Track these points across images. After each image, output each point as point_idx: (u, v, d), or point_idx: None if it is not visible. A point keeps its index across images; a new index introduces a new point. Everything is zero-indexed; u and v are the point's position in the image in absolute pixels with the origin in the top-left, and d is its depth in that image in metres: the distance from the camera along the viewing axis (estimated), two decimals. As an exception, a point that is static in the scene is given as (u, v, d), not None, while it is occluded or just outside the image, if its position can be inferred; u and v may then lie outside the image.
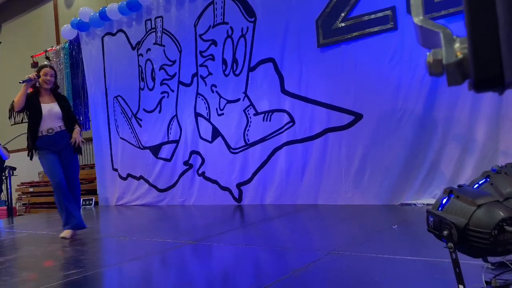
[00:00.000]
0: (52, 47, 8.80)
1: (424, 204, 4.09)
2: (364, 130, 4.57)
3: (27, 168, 9.41)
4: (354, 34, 4.63)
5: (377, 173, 4.47)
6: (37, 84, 3.94)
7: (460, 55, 0.37)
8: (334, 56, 4.79)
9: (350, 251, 2.56)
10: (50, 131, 3.88)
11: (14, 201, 8.08)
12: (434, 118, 4.17)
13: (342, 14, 4.71)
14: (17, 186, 9.16)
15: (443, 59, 0.38)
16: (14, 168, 7.37)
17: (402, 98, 4.33)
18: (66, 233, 3.81)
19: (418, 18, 0.44)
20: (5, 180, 7.24)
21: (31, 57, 9.19)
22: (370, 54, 4.54)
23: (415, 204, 4.16)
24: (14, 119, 3.91)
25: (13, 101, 3.82)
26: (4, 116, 4.15)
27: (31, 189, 9.15)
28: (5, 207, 7.64)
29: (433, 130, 4.18)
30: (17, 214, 8.47)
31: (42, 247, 3.67)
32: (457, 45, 0.38)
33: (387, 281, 2.03)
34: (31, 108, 3.88)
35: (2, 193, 7.30)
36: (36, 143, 3.89)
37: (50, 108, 3.92)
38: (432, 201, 3.96)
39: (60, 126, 3.93)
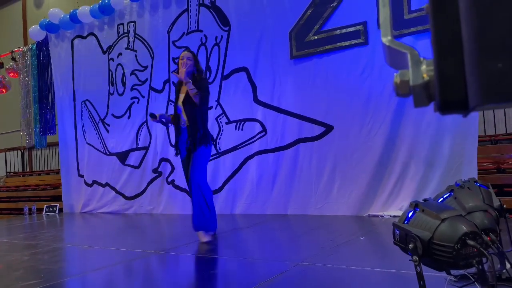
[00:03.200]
0: (19, 47, 8.53)
1: (391, 216, 4.16)
2: (334, 142, 4.63)
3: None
4: (326, 47, 4.71)
5: (346, 184, 4.53)
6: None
7: (426, 77, 0.37)
8: (307, 68, 4.85)
9: (318, 262, 2.57)
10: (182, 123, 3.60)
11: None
12: (402, 132, 4.28)
13: (315, 27, 4.78)
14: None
15: (410, 81, 0.38)
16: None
17: (372, 111, 4.42)
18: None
19: (386, 38, 0.44)
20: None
21: (-4, 57, 8.88)
22: (341, 68, 4.62)
23: (383, 216, 4.23)
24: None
25: None
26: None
27: (-10, 194, 8.78)
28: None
29: (400, 144, 4.28)
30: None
31: (0, 255, 3.51)
32: (423, 67, 0.38)
33: (354, 293, 2.04)
34: None
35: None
36: None
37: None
38: (399, 213, 4.05)
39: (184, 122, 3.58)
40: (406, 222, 1.42)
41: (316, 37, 4.78)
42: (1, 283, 2.59)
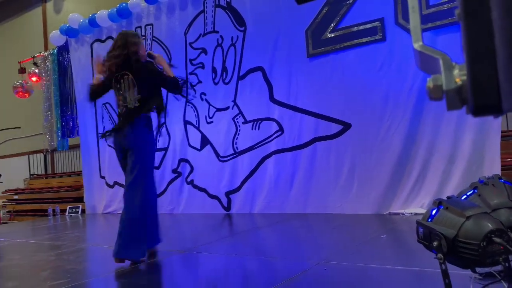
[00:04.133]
0: (40, 53, 8.73)
1: (412, 214, 4.12)
2: (352, 140, 4.60)
3: (14, 175, 9.29)
4: (343, 44, 4.69)
5: (366, 182, 4.50)
6: None
7: (459, 82, 0.38)
8: (323, 66, 4.83)
9: (340, 260, 2.57)
10: None
11: (-2, 208, 7.94)
12: (421, 128, 4.23)
13: (332, 25, 4.77)
14: (2, 193, 9.01)
15: (443, 85, 0.39)
16: (0, 175, 7.25)
17: (390, 108, 4.38)
18: None
19: (417, 44, 0.45)
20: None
21: (18, 62, 9.09)
22: (358, 65, 4.59)
23: (403, 214, 4.19)
24: None
25: None
26: None
27: (15, 197, 9.00)
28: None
29: (420, 140, 4.23)
30: (1, 222, 8.31)
31: (27, 256, 3.61)
32: (456, 71, 0.39)
33: (377, 291, 2.04)
34: None
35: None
36: None
37: None
38: (420, 210, 4.01)
39: None
40: (429, 220, 1.42)
41: (332, 35, 4.76)
42: (30, 282, 2.66)
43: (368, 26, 4.53)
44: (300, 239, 3.68)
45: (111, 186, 6.99)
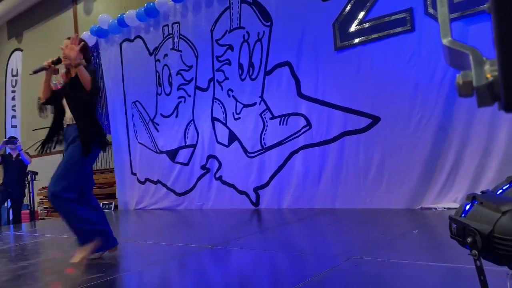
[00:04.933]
0: (72, 54, 8.95)
1: (445, 208, 4.03)
2: (382, 133, 4.53)
3: (49, 173, 9.63)
4: (371, 36, 4.61)
5: (396, 177, 4.42)
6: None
7: (490, 78, 0.37)
8: (351, 58, 4.77)
9: (371, 256, 2.54)
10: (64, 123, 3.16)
11: (36, 205, 8.25)
12: (454, 120, 4.11)
13: (359, 17, 4.69)
14: (39, 190, 9.35)
15: (473, 81, 0.38)
16: (36, 173, 7.52)
17: (420, 100, 4.28)
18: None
19: (446, 39, 0.44)
20: (27, 184, 7.40)
21: (51, 64, 9.37)
22: (387, 56, 4.51)
23: (436, 208, 4.09)
24: (41, 112, 3.30)
25: None
26: (27, 121, 3.80)
27: (52, 193, 9.32)
28: (28, 211, 7.81)
29: (453, 133, 4.12)
30: (39, 218, 8.65)
31: (64, 251, 3.74)
32: (487, 67, 0.38)
33: (409, 287, 2.00)
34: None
35: (25, 198, 7.45)
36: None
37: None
38: (453, 205, 3.91)
39: (71, 118, 3.10)
40: (463, 215, 1.38)
41: (360, 27, 4.69)
42: (67, 276, 2.76)
43: (397, 17, 4.44)
44: (329, 234, 3.66)
45: (142, 183, 7.14)
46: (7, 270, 3.06)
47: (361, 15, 4.68)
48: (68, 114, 3.08)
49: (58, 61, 3.10)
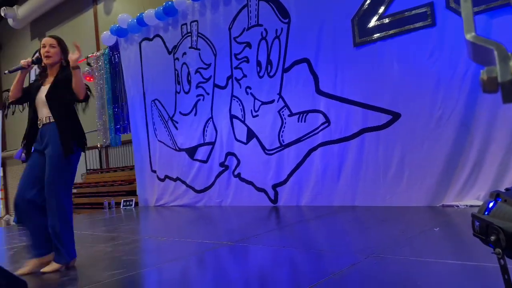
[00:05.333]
0: (93, 53, 9.13)
1: (467, 206, 3.95)
2: (402, 130, 4.47)
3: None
4: (391, 31, 4.54)
5: (417, 174, 4.36)
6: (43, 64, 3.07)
7: (516, 73, 0.36)
8: (371, 54, 4.71)
9: (391, 254, 2.51)
10: (39, 122, 2.98)
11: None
12: (477, 116, 4.02)
13: (379, 12, 4.63)
14: (62, 187, 9.54)
15: (498, 77, 0.37)
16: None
17: (442, 96, 4.20)
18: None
19: (470, 34, 0.43)
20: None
21: (73, 63, 9.55)
22: (407, 52, 4.44)
23: (458, 206, 4.02)
24: (7, 109, 3.06)
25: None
26: None
27: (74, 190, 9.53)
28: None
29: (475, 129, 4.03)
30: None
31: (87, 247, 3.81)
32: (512, 63, 0.37)
33: (431, 286, 1.97)
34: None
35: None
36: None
37: (43, 91, 2.99)
38: (476, 202, 3.84)
39: (47, 117, 2.94)
40: (486, 213, 1.35)
41: (379, 22, 4.63)
42: (90, 271, 2.82)
43: (417, 11, 4.36)
44: (349, 232, 3.64)
45: (162, 180, 7.23)
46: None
47: (380, 10, 4.62)
48: (44, 113, 2.94)
49: (38, 61, 2.99)
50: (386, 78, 4.59)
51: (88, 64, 8.97)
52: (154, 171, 7.39)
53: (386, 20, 4.58)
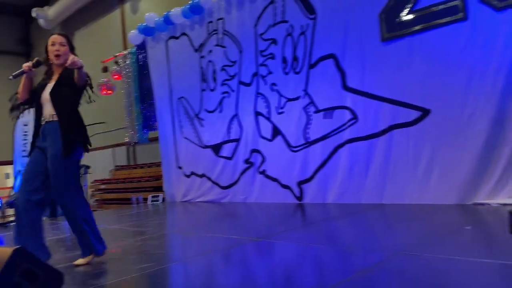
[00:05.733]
0: (121, 52, 9.30)
1: (500, 204, 3.83)
2: (432, 126, 4.37)
3: (100, 167, 10.07)
4: (421, 26, 4.45)
5: (447, 171, 4.26)
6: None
7: None
8: (399, 49, 4.62)
9: (420, 252, 2.47)
10: (42, 119, 2.96)
11: (88, 197, 8.66)
12: (510, 112, 3.90)
13: (408, 6, 4.54)
14: (91, 183, 9.80)
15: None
16: (89, 167, 7.88)
17: (474, 91, 4.09)
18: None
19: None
20: (81, 177, 7.76)
21: (101, 62, 9.78)
22: (438, 47, 4.33)
23: (490, 204, 3.91)
24: (16, 111, 2.99)
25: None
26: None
27: (103, 186, 9.75)
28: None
29: (509, 125, 3.91)
30: (91, 209, 9.05)
31: (116, 241, 3.90)
32: None
33: (462, 285, 1.93)
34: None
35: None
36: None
37: (48, 89, 2.98)
38: (510, 201, 3.73)
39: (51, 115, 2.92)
40: (524, 210, 1.31)
41: (408, 17, 4.53)
42: (120, 265, 2.89)
43: (448, 5, 4.25)
44: (376, 229, 3.59)
45: (187, 176, 7.31)
46: (65, 258, 3.24)
47: (410, 4, 4.53)
48: (48, 111, 2.92)
49: (38, 64, 2.93)
50: (415, 73, 4.49)
51: (116, 63, 9.15)
52: (180, 168, 7.48)
53: (416, 15, 4.49)
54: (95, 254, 2.93)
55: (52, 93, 2.92)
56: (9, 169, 13.69)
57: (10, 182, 13.00)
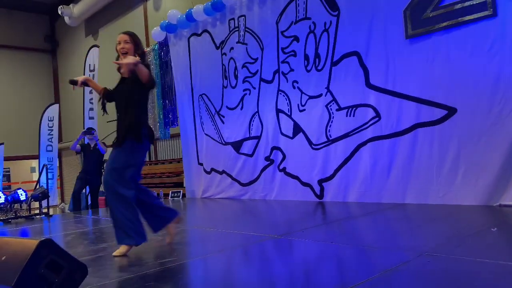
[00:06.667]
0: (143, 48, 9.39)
1: (528, 206, 3.73)
2: (458, 125, 4.27)
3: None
4: (447, 23, 4.34)
5: (473, 171, 4.16)
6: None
7: None
8: (425, 47, 4.53)
9: (445, 253, 2.42)
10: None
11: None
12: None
13: (433, 3, 4.44)
14: (113, 178, 9.92)
15: None
16: (110, 162, 7.99)
17: (503, 89, 3.97)
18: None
19: None
20: (103, 172, 7.88)
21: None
22: (465, 44, 4.22)
23: (517, 206, 3.80)
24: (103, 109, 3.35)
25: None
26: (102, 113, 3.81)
27: (125, 182, 9.88)
28: (104, 197, 8.34)
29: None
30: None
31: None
32: None
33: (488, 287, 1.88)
34: None
35: (101, 185, 7.95)
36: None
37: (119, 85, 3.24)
38: (538, 203, 3.61)
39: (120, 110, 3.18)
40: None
41: (434, 13, 4.43)
42: (142, 259, 2.92)
43: (477, 1, 4.13)
44: (399, 229, 3.53)
45: (208, 173, 7.35)
46: (89, 251, 3.31)
47: (436, 0, 4.42)
48: (119, 107, 3.15)
49: (71, 82, 3.26)
50: (441, 71, 4.40)
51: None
52: (201, 164, 7.53)
53: (442, 11, 4.38)
54: (131, 242, 3.03)
55: (119, 89, 3.14)
56: (34, 163, 14.08)
57: (35, 176, 13.35)
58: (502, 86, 3.98)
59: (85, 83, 3.30)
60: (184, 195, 7.83)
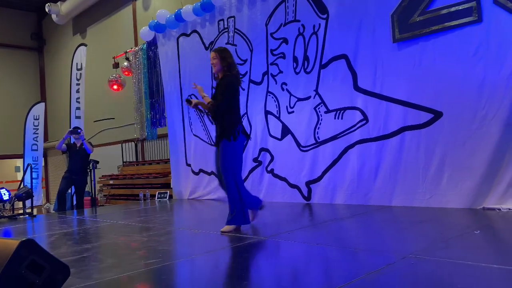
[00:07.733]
0: (132, 48, 9.34)
1: (510, 209, 3.78)
2: (444, 129, 4.32)
3: (109, 162, 10.12)
4: (434, 27, 4.39)
5: (458, 175, 4.21)
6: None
7: None
8: (412, 51, 4.58)
9: (429, 255, 2.44)
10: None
11: (96, 192, 8.71)
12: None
13: (420, 7, 4.49)
14: (99, 178, 9.86)
15: None
16: (97, 162, 7.92)
17: (487, 94, 4.04)
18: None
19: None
20: (89, 172, 7.80)
21: (112, 58, 9.83)
22: (451, 49, 4.28)
23: (500, 209, 3.86)
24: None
25: None
26: (89, 112, 3.90)
27: (111, 182, 9.80)
28: (89, 198, 8.25)
29: (521, 129, 3.85)
30: (99, 204, 9.12)
31: (123, 236, 3.92)
32: None
33: (471, 290, 1.90)
34: None
35: (87, 185, 7.86)
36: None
37: None
38: (521, 206, 3.66)
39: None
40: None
41: (421, 18, 4.48)
42: (127, 260, 2.89)
43: (462, 6, 4.20)
44: (385, 231, 3.56)
45: (196, 173, 7.32)
46: (73, 251, 3.26)
47: (423, 5, 4.48)
48: None
49: (187, 102, 4.01)
50: (427, 75, 4.45)
51: (127, 58, 9.19)
52: (189, 165, 7.49)
53: (428, 16, 4.44)
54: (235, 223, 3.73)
55: (213, 95, 3.92)
56: (19, 162, 13.87)
57: (19, 175, 13.14)
58: (486, 91, 4.04)
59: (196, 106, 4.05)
60: (171, 196, 7.79)
